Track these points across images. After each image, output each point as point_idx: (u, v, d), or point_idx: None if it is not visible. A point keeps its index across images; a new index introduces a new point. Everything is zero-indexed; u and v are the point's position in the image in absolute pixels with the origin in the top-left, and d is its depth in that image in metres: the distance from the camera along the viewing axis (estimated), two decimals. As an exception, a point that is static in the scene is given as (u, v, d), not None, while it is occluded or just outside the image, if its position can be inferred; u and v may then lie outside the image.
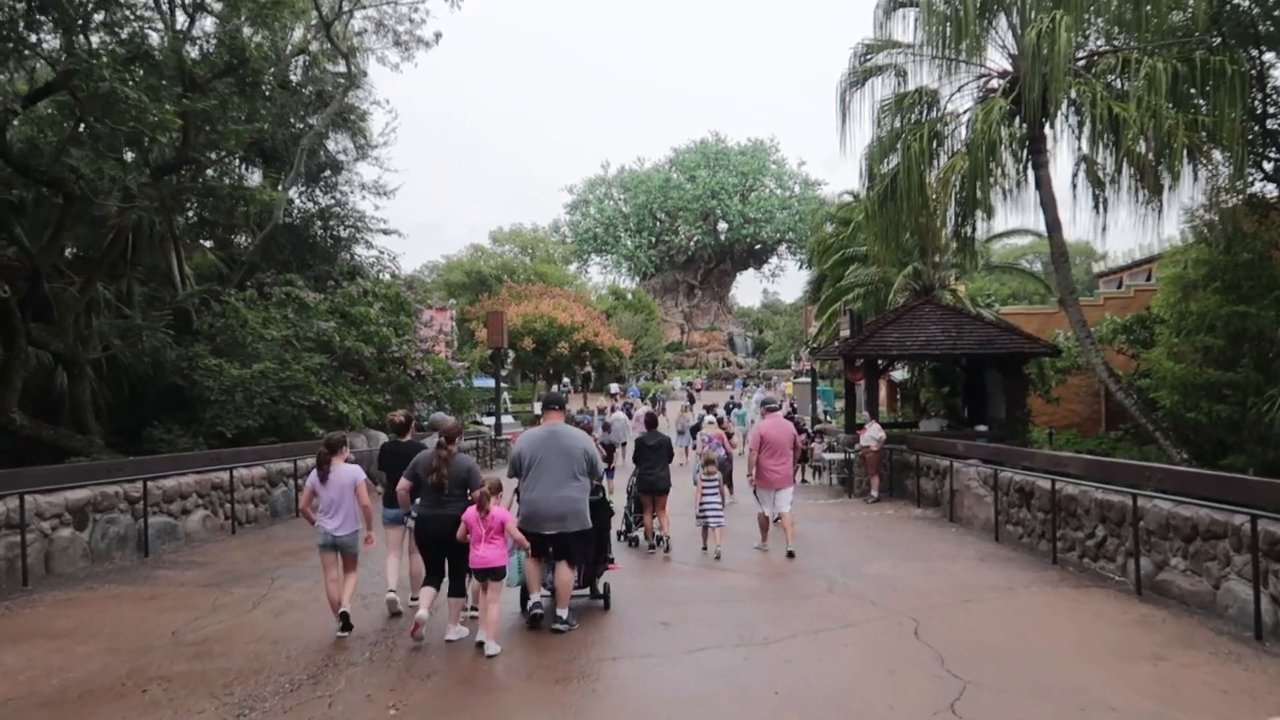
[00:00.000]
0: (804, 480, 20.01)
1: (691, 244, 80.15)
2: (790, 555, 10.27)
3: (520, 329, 41.78)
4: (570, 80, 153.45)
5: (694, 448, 17.57)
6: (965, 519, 12.94)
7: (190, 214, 19.14)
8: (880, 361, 17.84)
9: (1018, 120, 13.76)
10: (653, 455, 10.85)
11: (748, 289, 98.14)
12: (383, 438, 15.56)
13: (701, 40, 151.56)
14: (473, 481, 6.88)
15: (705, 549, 10.67)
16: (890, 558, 10.58)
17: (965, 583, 9.11)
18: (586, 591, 7.90)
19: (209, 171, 18.65)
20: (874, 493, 16.18)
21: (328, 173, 24.57)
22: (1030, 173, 14.70)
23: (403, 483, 7.11)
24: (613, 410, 25.83)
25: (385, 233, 25.72)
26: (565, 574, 7.22)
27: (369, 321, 18.97)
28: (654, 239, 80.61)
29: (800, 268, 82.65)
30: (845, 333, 17.97)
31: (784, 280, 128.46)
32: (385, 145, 23.99)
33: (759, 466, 10.62)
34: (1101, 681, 5.91)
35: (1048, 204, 14.52)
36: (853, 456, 17.18)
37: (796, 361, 60.40)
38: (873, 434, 16.19)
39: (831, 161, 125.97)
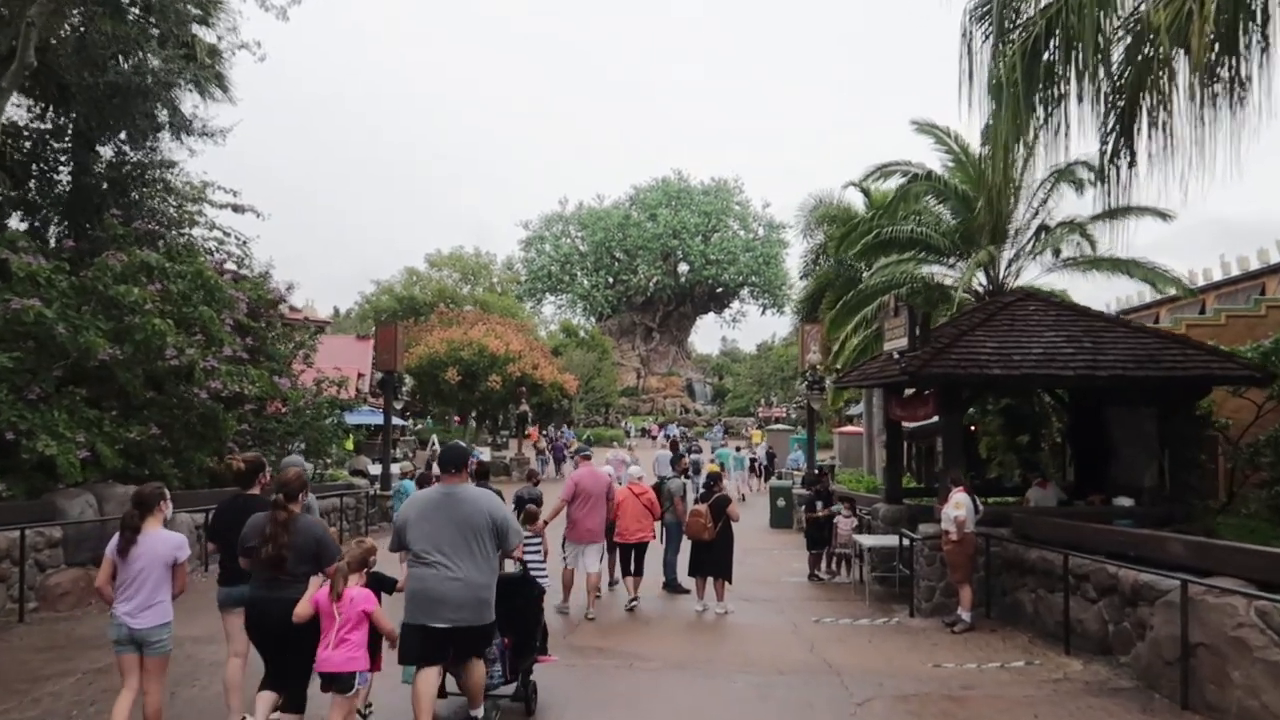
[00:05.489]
0: (816, 576, 13.05)
1: (650, 285, 74.27)
2: (590, 618, 9.14)
3: (444, 357, 34.61)
4: (531, 118, 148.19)
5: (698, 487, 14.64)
6: (1237, 713, 6.03)
7: None
8: (965, 391, 10.84)
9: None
10: None
11: (706, 336, 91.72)
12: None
13: (670, 80, 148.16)
14: (325, 555, 5.05)
15: None
16: None
17: None
18: (509, 691, 6.07)
19: None
20: (964, 614, 9.24)
21: (159, 120, 17.24)
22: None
23: (243, 562, 5.22)
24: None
25: (236, 209, 18.60)
26: (478, 670, 5.44)
27: (133, 309, 11.70)
28: (611, 278, 74.77)
29: (763, 313, 77.55)
30: (898, 343, 11.15)
31: (744, 327, 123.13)
32: (221, 65, 16.61)
33: (570, 519, 9.66)
34: None
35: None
36: (917, 544, 10.27)
37: (768, 407, 53.88)
38: (959, 509, 9.32)
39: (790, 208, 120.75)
